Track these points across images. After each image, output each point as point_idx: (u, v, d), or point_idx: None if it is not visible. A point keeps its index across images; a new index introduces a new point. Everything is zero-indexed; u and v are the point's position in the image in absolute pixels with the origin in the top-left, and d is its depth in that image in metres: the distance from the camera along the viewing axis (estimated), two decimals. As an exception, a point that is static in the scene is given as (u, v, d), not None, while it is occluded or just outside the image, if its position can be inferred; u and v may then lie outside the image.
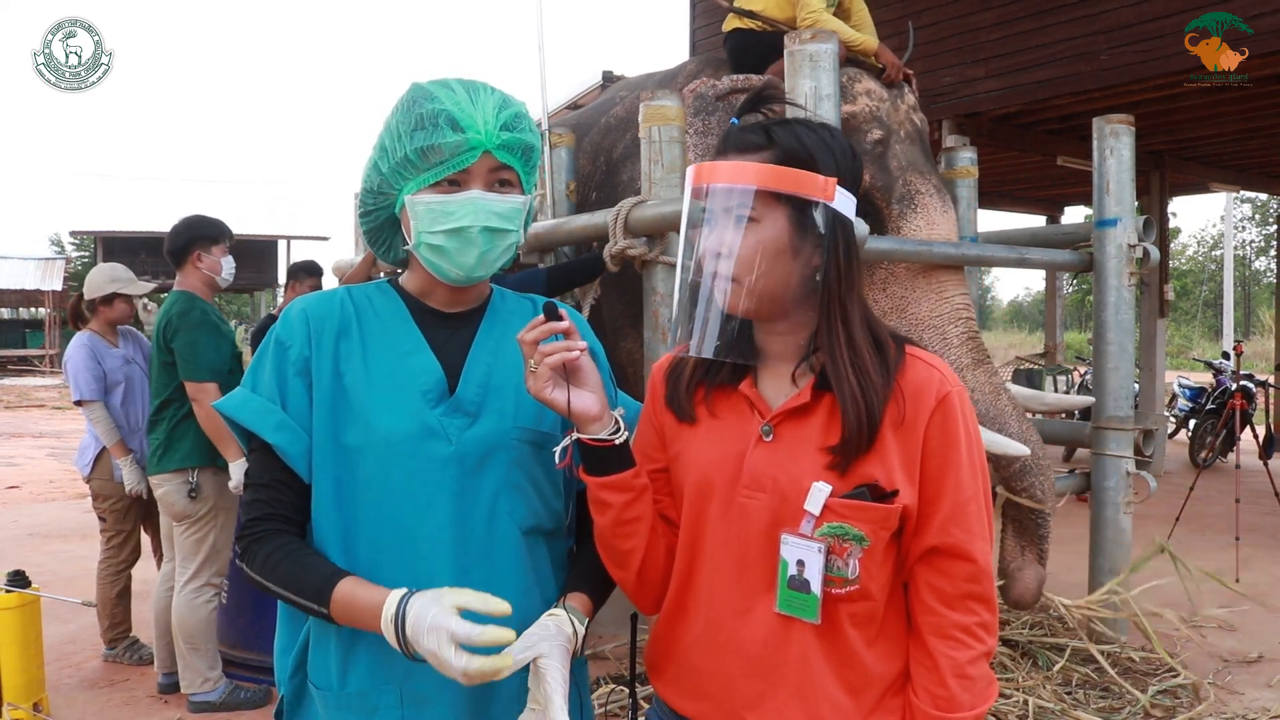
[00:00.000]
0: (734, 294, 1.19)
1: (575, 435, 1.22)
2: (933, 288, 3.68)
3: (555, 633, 1.20)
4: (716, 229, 1.19)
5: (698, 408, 1.29)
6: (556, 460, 1.25)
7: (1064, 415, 9.30)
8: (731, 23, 4.26)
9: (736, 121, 1.27)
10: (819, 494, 1.16)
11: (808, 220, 1.18)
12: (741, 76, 3.97)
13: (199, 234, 3.69)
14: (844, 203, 1.21)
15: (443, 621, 1.09)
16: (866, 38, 3.99)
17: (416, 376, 1.30)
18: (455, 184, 1.26)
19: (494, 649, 1.12)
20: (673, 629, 1.30)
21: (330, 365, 1.29)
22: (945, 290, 3.70)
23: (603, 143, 4.45)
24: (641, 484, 1.26)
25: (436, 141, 1.23)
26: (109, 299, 4.09)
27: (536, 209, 1.40)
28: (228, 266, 3.77)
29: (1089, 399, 4.00)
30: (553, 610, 1.25)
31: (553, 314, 1.19)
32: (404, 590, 1.16)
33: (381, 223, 1.36)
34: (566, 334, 1.19)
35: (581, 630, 1.25)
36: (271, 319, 4.85)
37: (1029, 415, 3.87)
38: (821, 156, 1.20)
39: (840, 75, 3.77)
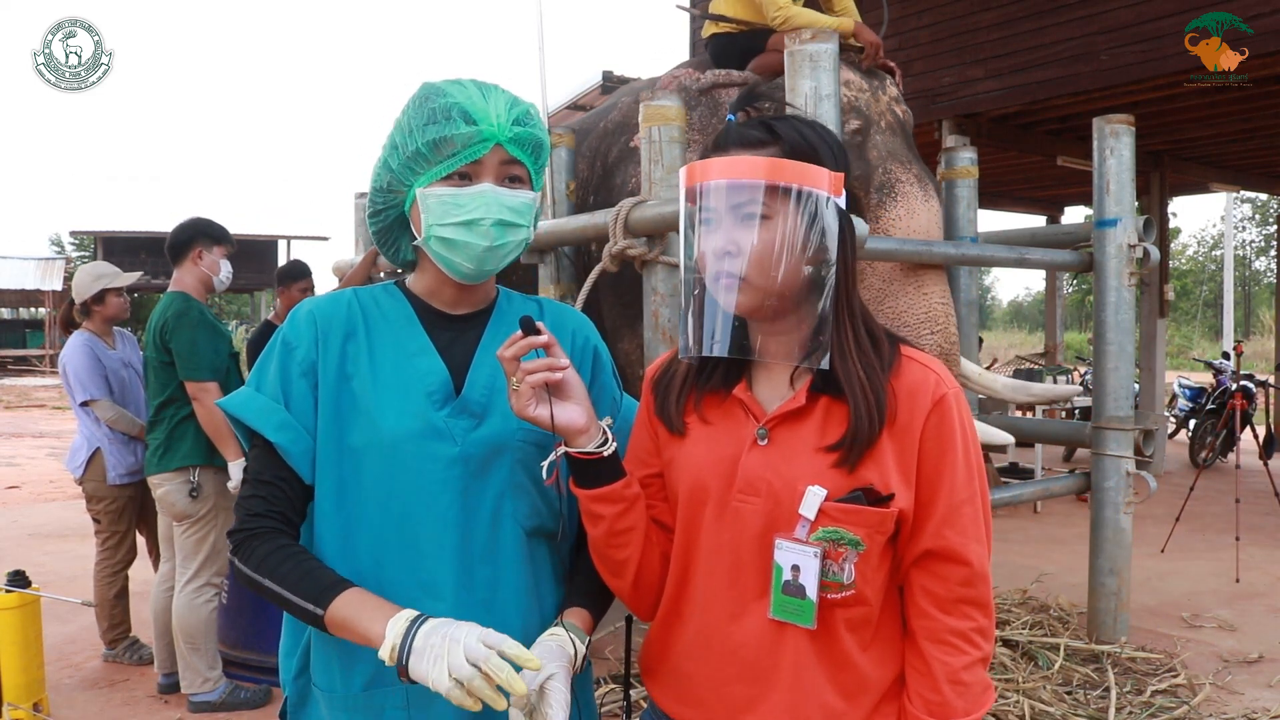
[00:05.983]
0: (749, 293, 1.16)
1: (563, 449, 1.21)
2: (911, 283, 3.62)
3: (559, 653, 1.20)
4: (729, 226, 1.16)
5: (689, 415, 1.27)
6: (544, 476, 1.23)
7: (1063, 409, 9.31)
8: (709, 28, 4.29)
9: (733, 118, 1.26)
10: (814, 498, 1.15)
11: (818, 215, 1.16)
12: (723, 72, 3.96)
13: (203, 231, 3.72)
14: (844, 198, 1.21)
15: (481, 637, 1.08)
16: (842, 20, 3.97)
17: (422, 378, 1.30)
18: (466, 178, 1.26)
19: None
20: (666, 633, 1.30)
21: (336, 367, 1.30)
22: (924, 287, 3.64)
23: (600, 147, 4.46)
24: (633, 494, 1.24)
25: (449, 133, 1.24)
26: (100, 297, 4.09)
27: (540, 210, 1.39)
28: (225, 269, 3.79)
29: (1075, 388, 3.98)
30: (553, 630, 1.25)
31: (530, 328, 1.17)
32: (418, 612, 1.14)
33: (391, 222, 1.36)
34: (546, 347, 1.18)
35: (582, 649, 1.24)
36: (267, 326, 4.84)
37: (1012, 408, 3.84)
38: (823, 151, 1.19)
39: None
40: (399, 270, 1.45)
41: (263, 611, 3.81)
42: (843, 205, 1.20)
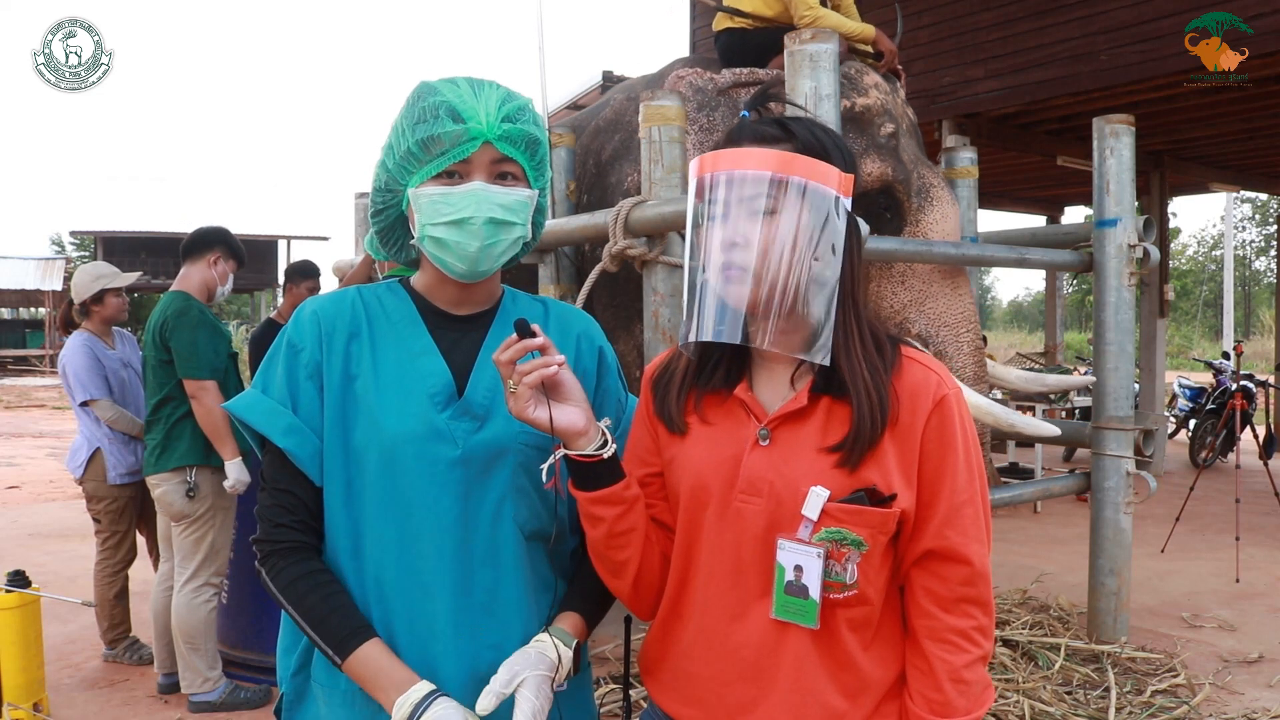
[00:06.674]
0: (753, 286, 1.15)
1: (562, 451, 1.21)
2: (949, 284, 3.75)
3: (535, 661, 1.21)
4: (737, 218, 1.16)
5: (689, 415, 1.27)
6: (544, 479, 1.23)
7: (1063, 409, 9.31)
8: (721, 22, 4.25)
9: (748, 114, 1.25)
10: (817, 499, 1.15)
11: (826, 213, 1.16)
12: (746, 70, 3.96)
13: (227, 242, 3.82)
14: (851, 201, 1.21)
15: None
16: (865, 26, 4.01)
17: (424, 379, 1.29)
18: (457, 176, 1.26)
19: None
20: (667, 633, 1.29)
21: (341, 367, 1.29)
22: (960, 288, 3.77)
23: (592, 145, 4.46)
24: (633, 495, 1.24)
25: (437, 132, 1.23)
26: (99, 297, 4.10)
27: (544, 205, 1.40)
28: (229, 284, 3.92)
29: (1090, 379, 4.04)
30: (538, 636, 1.26)
31: (525, 331, 1.16)
32: (430, 687, 1.18)
33: (392, 221, 1.36)
34: (542, 349, 1.17)
35: (567, 654, 1.25)
36: (270, 324, 4.86)
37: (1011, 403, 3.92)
38: (834, 153, 1.19)
39: (847, 68, 3.80)
40: (384, 270, 1.45)
41: (263, 611, 3.81)
42: (849, 207, 1.20)
